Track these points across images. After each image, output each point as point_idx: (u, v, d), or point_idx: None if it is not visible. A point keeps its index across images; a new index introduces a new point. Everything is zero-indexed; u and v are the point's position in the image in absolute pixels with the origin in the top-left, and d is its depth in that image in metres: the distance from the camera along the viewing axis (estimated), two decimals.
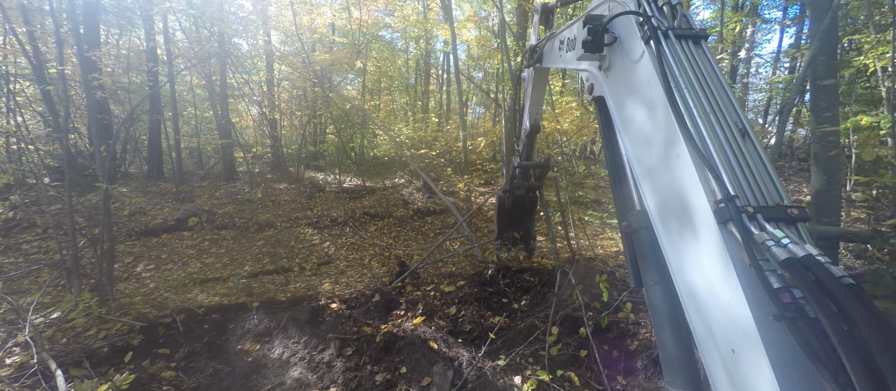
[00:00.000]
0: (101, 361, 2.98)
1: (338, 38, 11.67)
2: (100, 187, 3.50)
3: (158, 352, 3.16)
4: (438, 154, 10.02)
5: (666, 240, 1.06)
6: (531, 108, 2.79)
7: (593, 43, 1.28)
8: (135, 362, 2.95)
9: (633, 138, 1.20)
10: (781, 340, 0.74)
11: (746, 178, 0.93)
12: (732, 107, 1.06)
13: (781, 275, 0.75)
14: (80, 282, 3.83)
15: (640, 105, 1.17)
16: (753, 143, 1.00)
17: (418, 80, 15.96)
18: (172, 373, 2.92)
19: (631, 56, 1.23)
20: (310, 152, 13.42)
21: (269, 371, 2.93)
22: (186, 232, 7.21)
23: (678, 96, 1.03)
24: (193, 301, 4.36)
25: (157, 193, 9.08)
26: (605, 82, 1.37)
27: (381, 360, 2.83)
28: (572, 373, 2.72)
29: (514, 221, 3.47)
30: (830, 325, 0.64)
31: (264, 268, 6.05)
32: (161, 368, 2.96)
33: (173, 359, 3.09)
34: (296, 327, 3.47)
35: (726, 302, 0.83)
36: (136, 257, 6.21)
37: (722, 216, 0.86)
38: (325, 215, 8.52)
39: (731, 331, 0.82)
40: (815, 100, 3.12)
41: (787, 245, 0.76)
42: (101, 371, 2.83)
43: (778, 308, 0.72)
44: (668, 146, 1.04)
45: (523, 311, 3.58)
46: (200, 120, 14.05)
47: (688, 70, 1.10)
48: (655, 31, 1.13)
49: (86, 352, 3.00)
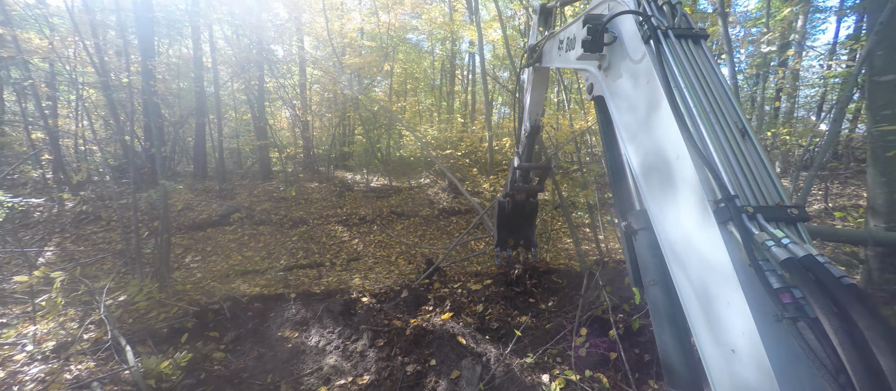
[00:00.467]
0: (161, 341, 3.31)
1: (366, 41, 12.04)
2: (162, 184, 3.87)
3: (209, 334, 3.45)
4: (464, 154, 10.10)
5: (666, 240, 1.05)
6: (531, 109, 2.76)
7: (593, 42, 1.29)
8: (190, 343, 3.25)
9: (633, 138, 1.20)
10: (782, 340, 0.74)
11: (746, 178, 0.93)
12: (732, 107, 1.06)
13: (781, 276, 0.75)
14: (141, 269, 4.24)
15: (640, 105, 1.17)
16: (753, 142, 1.00)
17: (444, 80, 16.11)
18: (222, 354, 3.19)
19: (631, 55, 1.22)
20: (339, 152, 13.92)
21: (308, 357, 3.13)
22: (228, 227, 7.73)
23: (678, 96, 1.03)
24: (237, 290, 4.70)
25: (202, 191, 9.78)
26: (605, 82, 1.37)
27: (412, 352, 2.95)
28: (602, 374, 2.71)
29: (514, 228, 3.38)
30: (831, 326, 0.64)
31: (298, 262, 6.39)
32: (212, 350, 3.24)
33: (222, 342, 3.37)
34: (330, 318, 3.67)
35: (727, 302, 0.84)
36: (185, 249, 6.75)
37: (722, 216, 0.86)
38: (354, 213, 8.83)
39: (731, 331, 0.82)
40: (871, 97, 2.90)
41: (788, 245, 0.76)
42: (162, 349, 3.14)
43: (778, 308, 0.72)
44: (668, 146, 1.04)
45: (551, 312, 3.58)
46: (239, 122, 14.97)
47: (688, 70, 1.09)
48: (655, 30, 1.12)
49: (149, 331, 3.34)
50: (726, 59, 4.87)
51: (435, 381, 2.67)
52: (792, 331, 0.69)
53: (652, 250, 1.17)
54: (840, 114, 3.48)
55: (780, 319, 0.71)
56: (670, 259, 1.04)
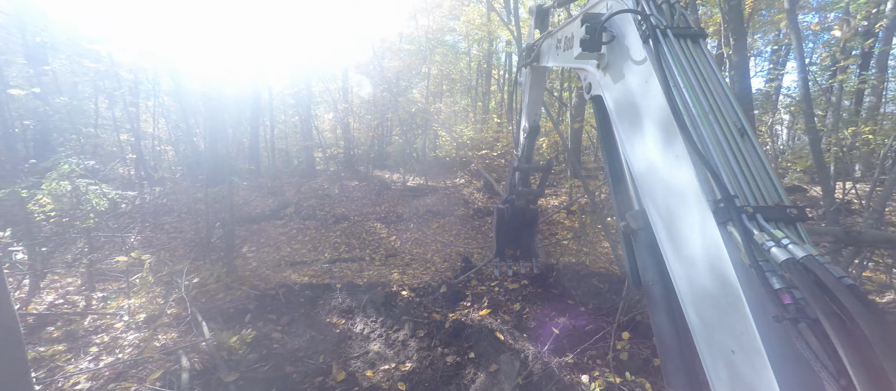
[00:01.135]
0: (228, 319, 3.72)
1: (405, 45, 12.41)
2: (231, 180, 4.33)
3: (268, 317, 3.82)
4: (499, 154, 10.08)
5: (665, 241, 1.04)
6: (530, 109, 2.72)
7: (591, 41, 1.28)
8: (252, 323, 3.62)
9: (631, 138, 1.18)
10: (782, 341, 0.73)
11: (745, 178, 0.92)
12: (731, 106, 1.03)
13: (782, 276, 0.74)
14: (210, 255, 4.77)
15: (638, 104, 1.15)
16: (752, 142, 0.98)
17: (479, 81, 16.14)
18: (279, 334, 3.52)
19: (629, 55, 1.21)
20: (378, 153, 14.47)
21: (354, 342, 3.36)
22: (279, 221, 8.38)
23: (677, 95, 1.02)
24: (289, 279, 5.12)
25: (257, 187, 10.66)
26: (603, 81, 1.35)
27: (451, 344, 3.06)
28: (644, 379, 2.64)
29: (513, 236, 3.27)
30: (831, 326, 0.63)
31: (341, 256, 6.78)
32: (270, 330, 3.58)
33: (279, 324, 3.71)
34: (373, 308, 3.90)
35: (726, 304, 0.83)
36: (242, 240, 7.42)
37: (721, 216, 0.85)
38: (392, 211, 9.17)
39: (731, 331, 0.82)
40: None
41: (787, 245, 0.75)
42: (230, 326, 3.54)
43: (778, 308, 0.71)
44: (667, 146, 1.03)
45: (590, 314, 3.53)
46: (288, 124, 16.08)
47: (686, 69, 1.08)
48: (654, 29, 1.11)
49: (218, 310, 3.76)
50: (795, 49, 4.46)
51: (473, 373, 2.77)
52: (792, 331, 0.68)
53: (651, 249, 1.16)
54: None
55: (780, 320, 0.71)
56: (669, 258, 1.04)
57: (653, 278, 1.16)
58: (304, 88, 11.92)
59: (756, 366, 0.75)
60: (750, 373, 0.77)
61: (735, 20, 5.16)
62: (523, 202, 3.07)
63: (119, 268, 4.07)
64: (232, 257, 4.73)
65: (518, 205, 3.09)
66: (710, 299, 0.89)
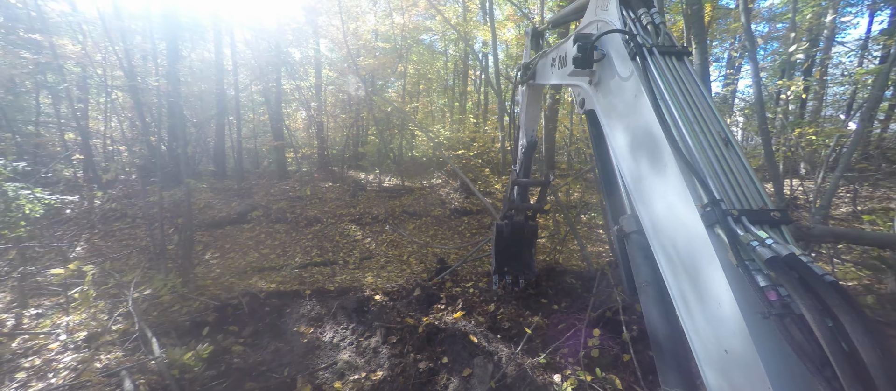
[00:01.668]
0: (184, 333, 3.44)
1: (380, 43, 12.19)
2: (186, 183, 4.02)
3: (229, 328, 3.57)
4: (476, 154, 10.10)
5: (657, 244, 1.09)
6: (527, 125, 2.82)
7: (583, 59, 1.36)
8: (211, 336, 3.37)
9: (622, 148, 1.25)
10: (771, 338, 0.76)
11: (730, 184, 0.98)
12: (715, 118, 1.10)
13: (767, 275, 0.78)
14: (165, 264, 4.42)
15: (628, 117, 1.22)
16: (736, 151, 1.04)
17: (456, 81, 16.14)
18: (241, 347, 3.29)
19: (618, 71, 1.29)
20: (353, 153, 14.13)
21: (323, 352, 3.20)
22: (246, 225, 7.96)
23: (664, 108, 1.08)
24: (254, 286, 4.84)
25: (222, 190, 10.10)
26: (595, 96, 1.43)
27: (424, 350, 2.98)
28: (614, 376, 2.67)
29: (513, 254, 3.28)
30: (815, 321, 0.67)
31: (313, 260, 6.53)
32: (231, 343, 3.35)
33: (241, 336, 3.48)
34: (344, 315, 3.74)
35: (718, 306, 0.86)
36: (205, 245, 6.98)
37: (709, 219, 0.90)
38: (367, 213, 8.95)
39: (723, 332, 0.85)
40: None
41: (772, 245, 0.79)
42: (184, 341, 3.27)
43: (765, 306, 0.75)
44: (656, 155, 1.09)
45: (563, 312, 3.55)
46: (257, 123, 15.38)
47: (672, 84, 1.15)
48: (640, 48, 1.19)
49: (172, 324, 3.48)
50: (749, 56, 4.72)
51: (447, 378, 2.70)
52: (778, 326, 0.72)
53: (643, 252, 1.21)
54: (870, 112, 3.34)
55: (766, 316, 0.74)
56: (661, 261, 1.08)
57: (646, 280, 1.21)
58: (274, 85, 11.43)
59: (747, 363, 0.78)
60: (742, 371, 0.80)
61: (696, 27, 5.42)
62: (522, 218, 3.08)
63: (56, 281, 3.67)
64: (190, 265, 4.40)
65: (517, 220, 3.09)
66: (700, 300, 0.92)
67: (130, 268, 5.04)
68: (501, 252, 3.28)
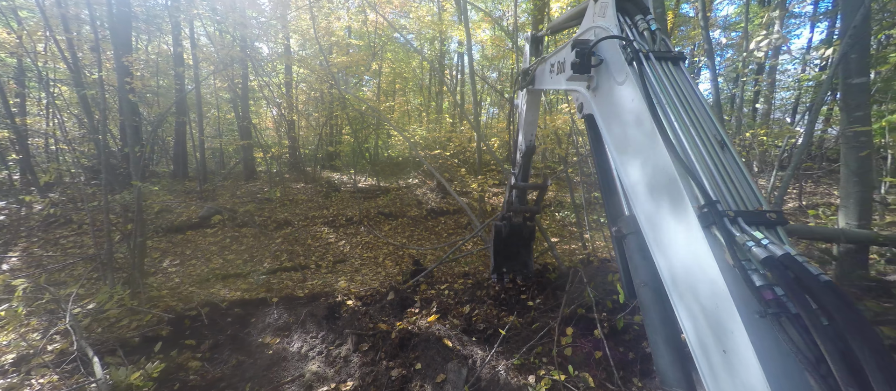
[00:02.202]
0: (133, 350, 3.15)
1: (354, 40, 11.88)
2: (135, 185, 3.70)
3: (185, 343, 3.31)
4: (452, 154, 10.07)
5: (655, 245, 1.11)
6: (526, 129, 2.87)
7: (581, 65, 1.39)
8: (164, 352, 3.10)
9: (620, 151, 1.28)
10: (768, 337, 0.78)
11: (726, 185, 1.00)
12: (710, 121, 1.13)
13: (763, 274, 0.79)
14: (113, 275, 4.05)
15: (626, 121, 1.25)
16: (732, 153, 1.07)
17: (432, 80, 16.06)
18: (198, 363, 3.06)
19: (616, 77, 1.31)
20: (326, 153, 13.71)
21: (289, 364, 3.03)
22: (209, 229, 7.49)
23: (660, 112, 1.11)
24: (217, 295, 4.54)
25: (183, 192, 9.46)
26: (594, 101, 1.46)
27: (397, 356, 2.88)
28: (587, 373, 2.70)
29: (511, 253, 3.36)
30: (810, 320, 0.68)
31: (283, 265, 6.23)
32: (187, 358, 3.10)
33: (199, 350, 3.23)
34: (314, 322, 3.57)
35: (715, 304, 0.87)
36: (162, 253, 6.50)
37: (705, 220, 0.92)
38: (341, 214, 8.69)
39: (719, 331, 0.86)
40: (845, 98, 2.99)
41: (767, 245, 0.81)
42: (133, 359, 2.99)
43: (761, 305, 0.76)
44: (653, 158, 1.11)
45: (537, 310, 3.57)
46: (223, 121, 14.58)
47: (668, 88, 1.18)
48: (637, 53, 1.22)
49: (119, 341, 3.18)
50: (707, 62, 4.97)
51: (420, 386, 2.62)
52: (775, 325, 0.74)
53: (641, 253, 1.22)
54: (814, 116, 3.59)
55: (763, 315, 0.75)
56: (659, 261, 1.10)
57: (644, 280, 1.22)
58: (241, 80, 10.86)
59: (745, 361, 0.79)
60: (739, 370, 0.81)
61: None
62: (521, 219, 3.13)
63: None
64: (142, 275, 4.06)
65: (515, 221, 3.14)
66: (698, 299, 0.93)
67: (76, 279, 4.59)
68: (500, 251, 3.34)
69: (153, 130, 8.92)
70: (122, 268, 4.24)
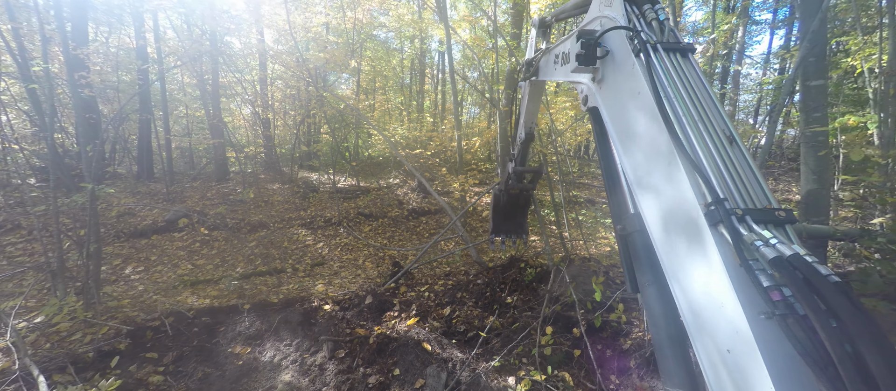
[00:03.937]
0: (86, 366, 2.91)
1: (332, 37, 11.57)
2: (86, 187, 3.42)
3: (146, 356, 3.09)
4: (433, 154, 9.99)
5: (659, 244, 1.08)
6: (526, 119, 2.90)
7: (586, 56, 1.34)
8: (121, 367, 2.88)
9: (626, 145, 1.25)
10: (774, 338, 0.76)
11: (735, 182, 0.97)
12: (719, 115, 1.10)
13: (771, 275, 0.77)
14: (65, 285, 3.74)
15: (632, 114, 1.22)
16: (741, 149, 1.04)
17: (413, 79, 15.91)
18: (160, 377, 2.86)
19: (622, 68, 1.28)
20: (303, 152, 13.31)
21: (260, 374, 2.89)
22: (177, 233, 7.09)
23: (668, 105, 1.07)
24: (183, 304, 4.28)
25: (147, 194, 8.92)
26: (599, 93, 1.42)
27: (375, 362, 2.80)
28: (566, 372, 2.71)
29: (508, 218, 3.65)
30: (819, 321, 0.66)
31: (257, 270, 5.98)
32: (148, 373, 2.89)
33: (161, 364, 3.03)
34: (288, 329, 3.43)
35: (720, 303, 0.85)
36: (124, 259, 6.09)
37: (712, 218, 0.89)
38: (319, 216, 8.45)
39: (725, 331, 0.84)
40: (804, 100, 3.15)
41: (776, 245, 0.79)
42: (86, 376, 2.76)
43: (768, 306, 0.74)
44: (659, 153, 1.08)
45: (517, 308, 3.57)
46: (192, 119, 13.87)
47: (676, 81, 1.14)
48: (644, 44, 1.18)
49: (70, 357, 2.92)
50: None
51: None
52: (782, 327, 0.71)
53: (646, 252, 1.20)
54: (776, 117, 3.77)
55: (770, 316, 0.73)
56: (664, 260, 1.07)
57: (648, 279, 1.19)
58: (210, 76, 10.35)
59: (750, 362, 0.76)
60: (745, 371, 0.78)
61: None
62: (517, 191, 3.38)
63: None
64: (98, 284, 3.77)
65: (512, 192, 3.39)
66: (703, 299, 0.90)
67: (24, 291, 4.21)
68: (498, 215, 3.58)
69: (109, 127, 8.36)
70: (76, 277, 3.92)
